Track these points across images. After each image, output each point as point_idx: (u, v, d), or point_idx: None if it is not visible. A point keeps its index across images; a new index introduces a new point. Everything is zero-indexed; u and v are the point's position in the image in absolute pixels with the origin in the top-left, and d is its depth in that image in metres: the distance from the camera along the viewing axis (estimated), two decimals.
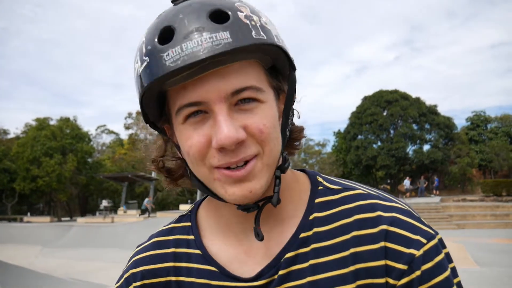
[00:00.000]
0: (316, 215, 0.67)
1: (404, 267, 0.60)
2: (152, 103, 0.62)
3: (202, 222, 0.74)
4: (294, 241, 0.65)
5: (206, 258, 0.69)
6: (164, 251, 0.73)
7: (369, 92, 41.71)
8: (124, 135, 50.85)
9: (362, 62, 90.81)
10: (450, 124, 37.09)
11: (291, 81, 0.65)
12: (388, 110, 36.72)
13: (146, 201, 25.24)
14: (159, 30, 0.57)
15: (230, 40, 0.54)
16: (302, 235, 0.65)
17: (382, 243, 0.61)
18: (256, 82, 0.59)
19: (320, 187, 0.70)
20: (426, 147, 37.23)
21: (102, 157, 43.71)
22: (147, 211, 24.43)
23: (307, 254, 0.64)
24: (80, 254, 13.58)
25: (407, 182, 30.27)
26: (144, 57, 0.58)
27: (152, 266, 0.72)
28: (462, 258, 9.01)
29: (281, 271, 0.64)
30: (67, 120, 38.82)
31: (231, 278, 0.66)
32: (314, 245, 0.64)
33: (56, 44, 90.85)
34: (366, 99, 38.61)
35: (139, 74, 0.59)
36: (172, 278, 0.70)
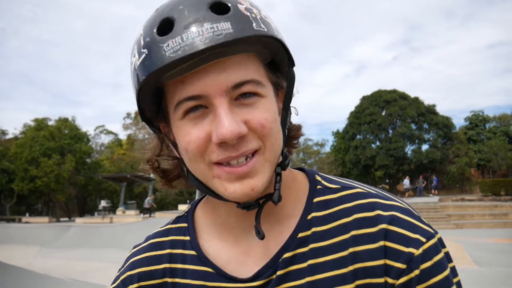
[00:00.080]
0: (314, 214, 0.66)
1: (403, 266, 0.59)
2: (149, 98, 0.60)
3: (199, 223, 0.73)
4: (293, 241, 0.64)
5: (201, 259, 0.68)
6: (160, 252, 0.72)
7: (367, 92, 41.78)
8: (122, 135, 50.76)
9: (361, 62, 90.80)
10: (449, 124, 37.20)
11: (290, 77, 0.64)
12: (387, 110, 36.79)
13: (148, 200, 25.09)
14: (158, 22, 0.56)
15: (231, 30, 0.53)
16: (301, 235, 0.65)
17: (382, 242, 0.60)
18: (257, 76, 0.58)
19: (318, 186, 0.69)
20: (425, 146, 37.39)
21: (101, 157, 43.66)
22: (149, 210, 24.29)
23: (306, 254, 0.63)
24: (78, 254, 13.54)
25: (406, 181, 30.14)
26: (142, 49, 0.56)
27: (149, 268, 0.71)
28: (460, 257, 9.01)
29: (279, 272, 0.63)
30: (66, 120, 38.81)
31: (228, 279, 0.65)
32: (312, 245, 0.64)
33: (55, 44, 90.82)
34: (365, 99, 38.66)
35: (136, 68, 0.57)
36: (168, 279, 0.69)
